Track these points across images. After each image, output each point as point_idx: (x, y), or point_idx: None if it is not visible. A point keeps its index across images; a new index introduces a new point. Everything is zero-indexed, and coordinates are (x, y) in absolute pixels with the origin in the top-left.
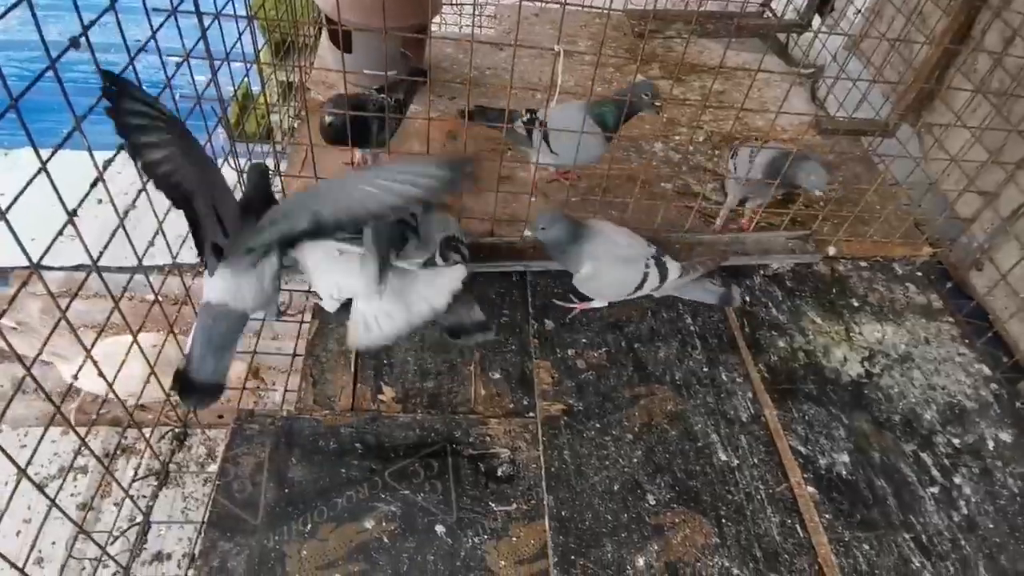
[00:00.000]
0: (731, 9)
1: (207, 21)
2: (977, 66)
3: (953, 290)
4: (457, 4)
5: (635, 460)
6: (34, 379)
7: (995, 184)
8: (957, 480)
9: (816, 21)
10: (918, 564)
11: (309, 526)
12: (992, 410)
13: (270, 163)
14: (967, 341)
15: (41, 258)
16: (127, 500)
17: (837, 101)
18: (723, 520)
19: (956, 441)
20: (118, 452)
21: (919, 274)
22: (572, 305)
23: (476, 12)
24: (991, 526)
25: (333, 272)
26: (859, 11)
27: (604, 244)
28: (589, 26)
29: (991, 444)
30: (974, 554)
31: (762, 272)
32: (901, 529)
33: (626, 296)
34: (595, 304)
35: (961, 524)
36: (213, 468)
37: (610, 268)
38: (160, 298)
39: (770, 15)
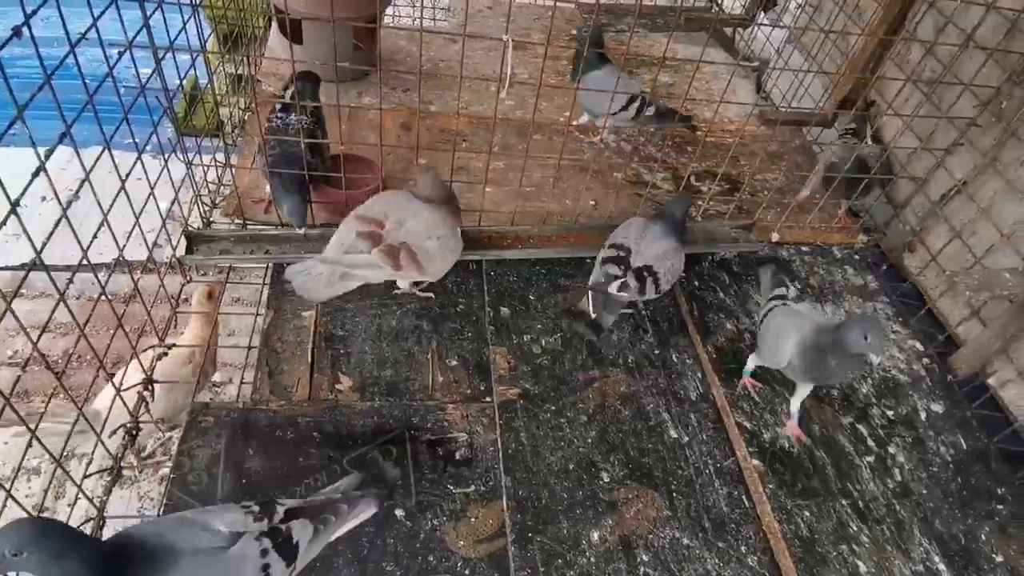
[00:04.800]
0: (681, 5)
1: (149, 9)
2: (910, 56)
3: (888, 272)
4: None
5: (589, 440)
6: None
7: (925, 170)
8: (891, 449)
9: (760, 15)
10: (855, 528)
11: None
12: (924, 383)
13: (220, 157)
14: (901, 319)
15: None
16: (81, 500)
17: (781, 92)
18: (674, 494)
19: (890, 413)
20: (69, 453)
21: (856, 257)
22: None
23: (428, 3)
24: (924, 491)
25: None
26: (800, 5)
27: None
28: (542, 19)
29: (923, 415)
30: (909, 518)
31: (710, 258)
32: (839, 496)
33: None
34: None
35: (896, 490)
36: (169, 467)
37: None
38: (108, 297)
39: (717, 10)
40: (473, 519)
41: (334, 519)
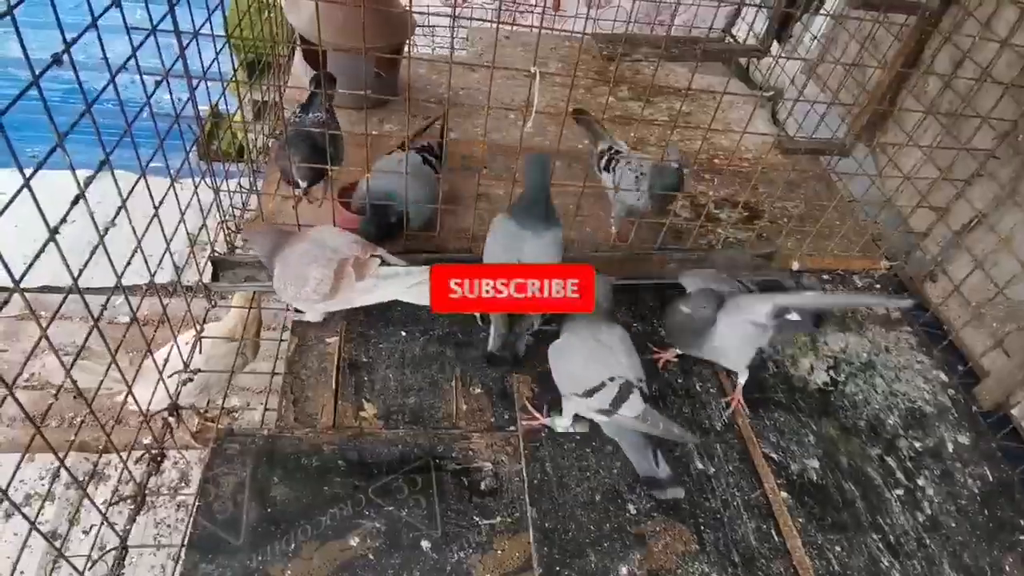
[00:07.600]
0: (695, 35)
1: (185, 40)
2: (928, 88)
3: None
4: (429, 26)
5: (615, 471)
6: (15, 398)
7: (946, 200)
8: (920, 482)
9: (775, 47)
10: (887, 564)
11: (293, 545)
12: (950, 414)
13: (245, 182)
14: (924, 349)
15: (22, 277)
16: (97, 528)
17: (796, 122)
18: (702, 527)
19: (918, 444)
20: (86, 479)
21: (878, 286)
22: (535, 420)
23: (452, 35)
24: (953, 525)
25: None
26: (815, 37)
27: (584, 332)
28: (558, 48)
29: (950, 447)
30: (939, 552)
31: None
32: (870, 530)
33: (577, 399)
34: (558, 422)
35: (925, 524)
36: (187, 493)
37: (581, 345)
38: (139, 320)
39: (731, 40)
40: (499, 551)
41: None
